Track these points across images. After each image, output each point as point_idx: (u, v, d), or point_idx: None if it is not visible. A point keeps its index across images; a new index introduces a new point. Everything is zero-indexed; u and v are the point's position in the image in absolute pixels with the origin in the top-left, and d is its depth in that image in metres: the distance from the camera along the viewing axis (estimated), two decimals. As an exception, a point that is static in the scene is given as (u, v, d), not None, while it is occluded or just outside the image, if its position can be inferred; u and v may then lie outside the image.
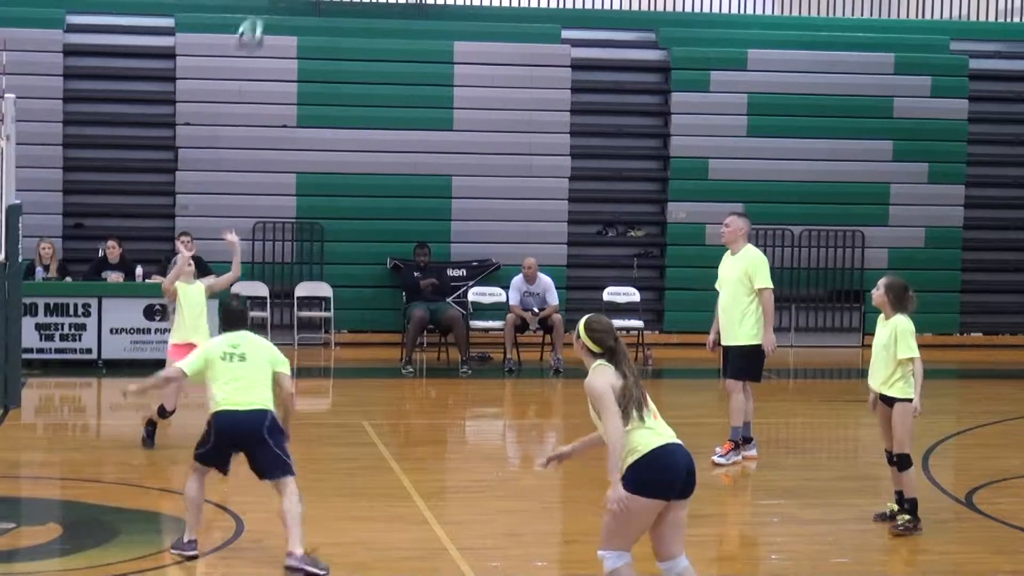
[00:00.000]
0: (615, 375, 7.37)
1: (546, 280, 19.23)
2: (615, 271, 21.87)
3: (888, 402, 9.90)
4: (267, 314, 20.58)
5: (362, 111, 21.34)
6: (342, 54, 21.51)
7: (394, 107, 21.43)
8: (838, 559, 9.34)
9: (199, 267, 18.86)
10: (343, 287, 20.98)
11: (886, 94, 22.45)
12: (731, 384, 12.48)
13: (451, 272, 20.80)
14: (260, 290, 20.77)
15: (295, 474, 8.75)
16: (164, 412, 12.73)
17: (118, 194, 21.26)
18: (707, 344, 12.77)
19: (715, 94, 22.13)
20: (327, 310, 20.75)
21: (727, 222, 12.61)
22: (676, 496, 7.32)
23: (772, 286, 12.42)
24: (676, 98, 22.18)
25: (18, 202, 15.25)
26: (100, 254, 19.11)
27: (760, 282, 12.31)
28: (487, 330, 19.95)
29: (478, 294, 20.59)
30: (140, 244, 20.38)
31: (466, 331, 18.90)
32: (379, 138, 21.38)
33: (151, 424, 12.85)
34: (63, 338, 17.92)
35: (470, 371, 18.36)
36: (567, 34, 22.30)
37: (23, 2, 21.11)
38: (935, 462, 12.72)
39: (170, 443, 12.83)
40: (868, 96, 22.41)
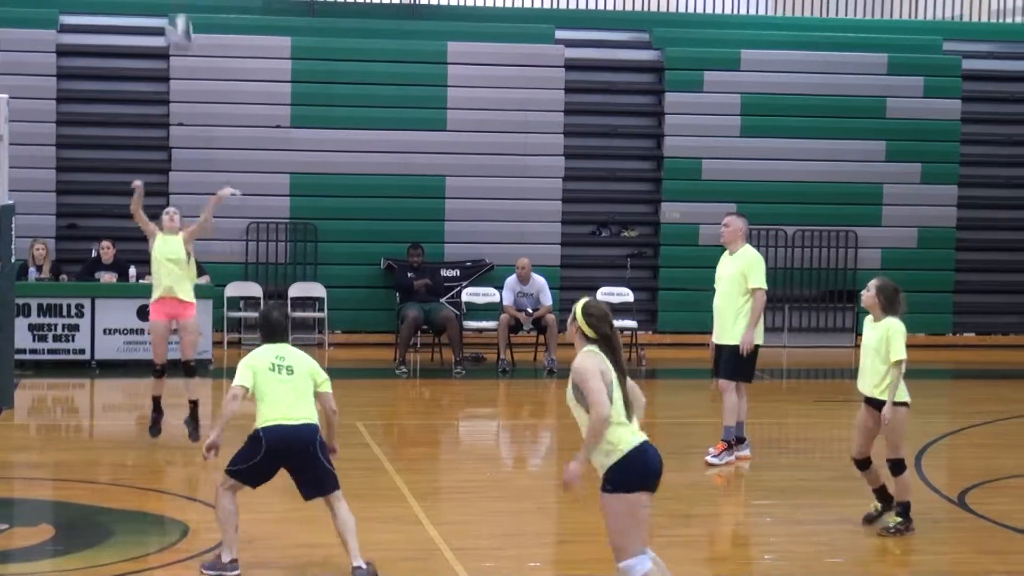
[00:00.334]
0: (604, 362, 7.24)
1: (540, 280, 19.24)
2: (609, 271, 21.88)
3: (876, 406, 9.85)
4: (261, 314, 20.56)
5: (356, 111, 21.34)
6: (336, 54, 21.51)
7: (388, 107, 21.42)
8: (831, 559, 9.36)
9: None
10: (337, 287, 20.97)
11: (879, 94, 22.47)
12: (723, 384, 12.49)
13: (445, 272, 20.80)
14: (254, 290, 20.77)
15: (341, 488, 8.72)
16: (162, 373, 12.88)
17: (111, 195, 21.16)
18: (710, 345, 12.77)
19: (708, 94, 22.14)
20: (321, 310, 20.75)
21: (726, 222, 12.61)
22: (651, 490, 7.26)
23: (766, 287, 12.44)
24: (669, 98, 22.20)
25: (11, 202, 15.15)
26: (93, 255, 19.10)
27: (754, 282, 12.32)
28: (481, 330, 19.96)
29: (472, 294, 20.59)
30: (133, 245, 20.27)
31: (460, 331, 18.91)
32: (373, 138, 21.37)
33: (159, 413, 12.90)
34: (56, 339, 17.91)
35: (464, 371, 18.37)
36: (561, 34, 22.31)
37: (16, 2, 21.08)
38: (928, 462, 12.74)
39: (163, 443, 12.83)
40: (861, 96, 22.42)
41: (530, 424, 16.01)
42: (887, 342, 9.73)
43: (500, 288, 19.64)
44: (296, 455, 8.58)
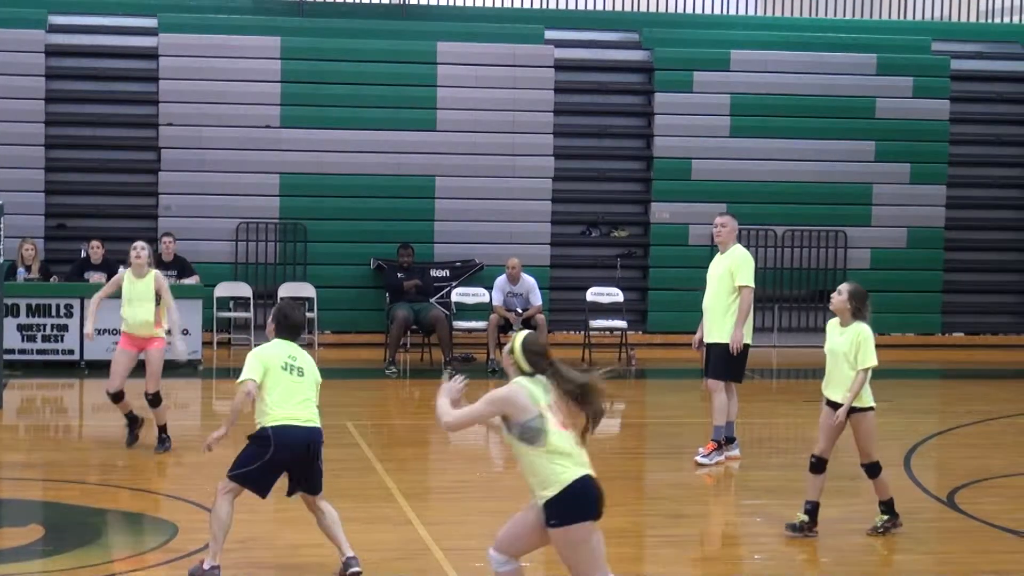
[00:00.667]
0: (532, 397, 7.07)
1: (529, 280, 19.24)
2: (598, 271, 21.88)
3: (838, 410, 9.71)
4: (250, 315, 20.57)
5: (345, 111, 21.33)
6: (325, 54, 21.49)
7: (377, 107, 21.42)
8: (821, 559, 9.37)
9: (181, 268, 18.97)
10: (326, 288, 20.96)
11: (868, 95, 22.50)
12: (713, 383, 12.50)
13: (434, 272, 20.79)
14: (243, 291, 20.76)
15: None
16: (119, 398, 12.69)
17: (101, 195, 21.20)
18: (693, 344, 12.78)
19: (698, 94, 22.16)
20: (310, 311, 20.72)
21: (723, 222, 12.58)
22: (596, 519, 7.10)
23: (753, 285, 12.44)
24: (659, 99, 22.21)
25: (0, 203, 15.23)
26: (83, 255, 19.07)
27: (741, 279, 12.32)
28: (470, 330, 19.95)
29: (461, 294, 20.58)
30: (123, 245, 20.10)
31: (449, 332, 18.91)
32: (362, 138, 21.36)
33: (133, 421, 12.84)
34: (45, 339, 17.88)
35: (453, 372, 18.35)
36: (550, 34, 22.32)
37: (5, 2, 21.05)
38: (917, 462, 12.76)
39: (151, 444, 12.81)
40: (850, 97, 22.45)
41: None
42: (858, 348, 9.64)
43: (490, 288, 19.64)
44: (300, 457, 8.54)
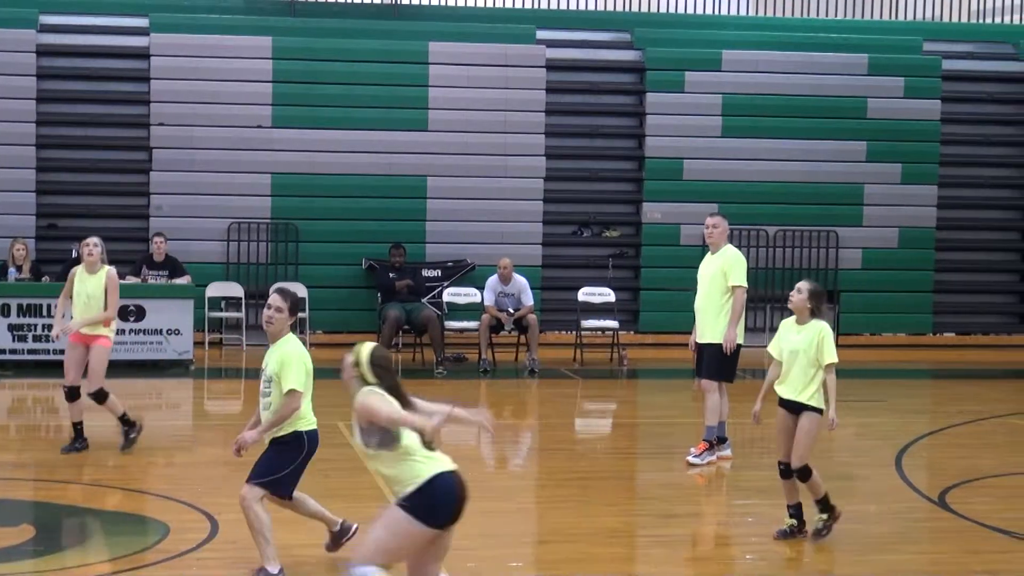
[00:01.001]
0: (388, 400, 7.07)
1: (521, 281, 19.23)
2: (590, 271, 21.89)
3: (795, 410, 9.63)
4: (242, 315, 20.55)
5: (337, 111, 21.32)
6: (317, 54, 21.49)
7: (369, 107, 21.41)
8: (812, 559, 9.37)
9: (172, 268, 18.95)
10: (318, 288, 20.95)
11: (860, 95, 22.53)
12: (706, 384, 12.49)
13: (426, 272, 20.79)
14: (235, 291, 20.74)
15: None
16: (75, 394, 12.53)
17: (92, 195, 21.19)
18: (689, 344, 12.77)
19: (690, 95, 22.17)
20: (302, 311, 20.69)
21: (715, 223, 12.56)
22: (450, 523, 7.11)
23: (746, 285, 12.44)
24: (651, 99, 22.22)
25: (-9, 203, 15.20)
26: (74, 255, 19.01)
27: (734, 279, 12.33)
28: (462, 331, 19.94)
29: (453, 294, 20.58)
30: (114, 245, 20.21)
31: (441, 332, 18.90)
32: (354, 138, 21.35)
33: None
34: (36, 339, 17.85)
35: (445, 372, 18.36)
36: (542, 35, 22.32)
37: (-4, 2, 21.05)
38: (908, 462, 12.77)
39: (144, 445, 12.79)
40: (842, 97, 22.48)
41: (511, 424, 15.99)
42: (819, 346, 9.57)
43: (481, 288, 19.63)
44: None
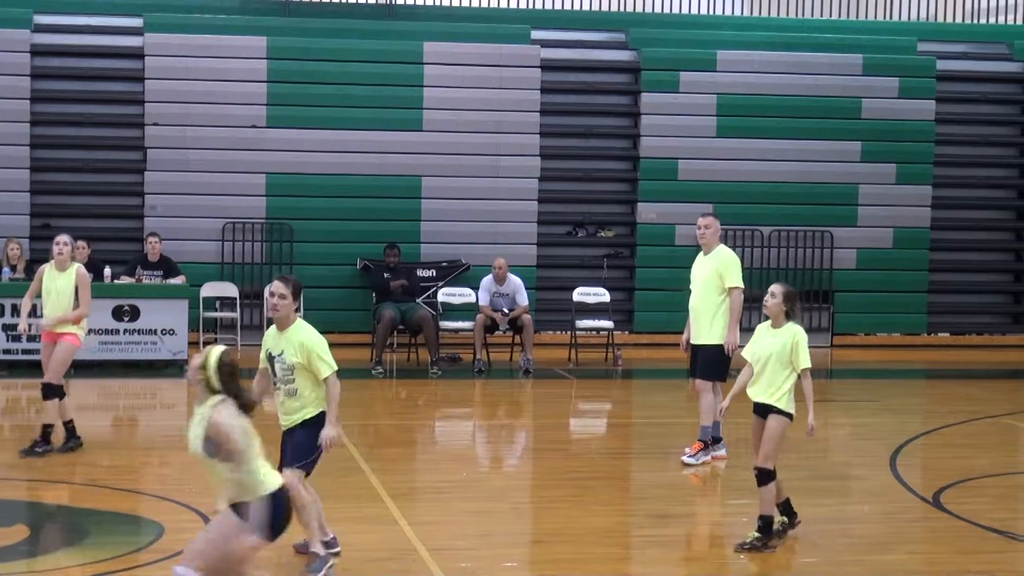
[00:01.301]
0: (237, 414, 6.94)
1: (516, 281, 19.23)
2: (585, 272, 21.89)
3: (764, 413, 9.55)
4: (237, 315, 20.54)
5: (332, 111, 21.31)
6: (312, 54, 21.47)
7: (364, 107, 21.40)
8: (807, 559, 9.38)
9: (167, 268, 18.94)
10: (313, 288, 20.88)
11: (854, 95, 22.54)
12: (700, 384, 12.51)
13: (421, 273, 20.78)
14: (230, 291, 20.72)
15: None
16: (53, 392, 12.44)
17: (86, 195, 21.17)
18: (680, 344, 12.78)
19: (684, 95, 22.18)
20: (297, 311, 20.65)
21: (707, 223, 12.57)
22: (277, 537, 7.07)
23: (743, 286, 12.47)
24: (645, 99, 22.22)
25: (-15, 203, 15.18)
26: (68, 255, 18.98)
27: (731, 281, 12.35)
28: (457, 331, 19.94)
29: (448, 295, 20.57)
30: (109, 245, 20.31)
31: (436, 332, 18.89)
32: (349, 138, 21.34)
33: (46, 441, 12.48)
34: (31, 339, 17.79)
35: (440, 372, 18.35)
36: (537, 35, 22.32)
37: (-10, 2, 21.03)
38: (903, 462, 12.78)
39: (139, 444, 12.79)
40: (836, 97, 22.50)
41: (506, 424, 16.00)
42: (792, 350, 9.51)
43: (476, 288, 19.63)
44: None
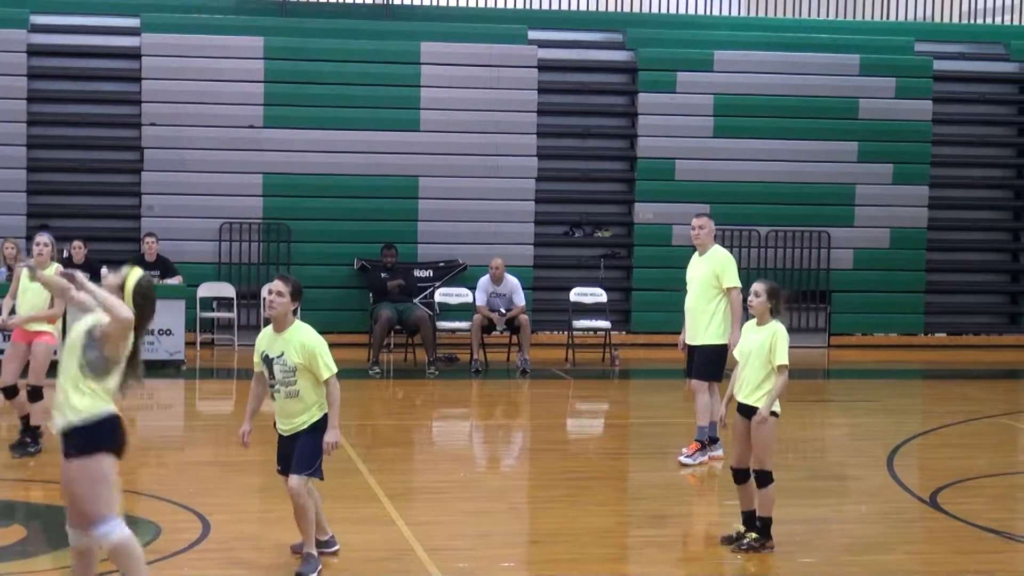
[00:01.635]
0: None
1: (513, 281, 19.22)
2: (582, 272, 21.89)
3: (747, 413, 9.47)
4: (234, 315, 20.53)
5: (329, 112, 21.30)
6: (308, 55, 21.46)
7: (361, 108, 21.40)
8: (804, 559, 9.37)
9: (164, 268, 18.93)
10: (310, 288, 20.64)
11: (851, 95, 22.55)
12: (696, 384, 12.50)
13: (418, 273, 20.77)
14: (227, 291, 20.72)
15: None
16: (11, 392, 12.35)
17: (83, 195, 21.17)
18: (678, 344, 12.78)
19: (682, 95, 22.18)
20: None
21: (701, 223, 12.56)
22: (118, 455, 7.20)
23: (740, 285, 12.45)
24: (643, 99, 22.23)
25: (-18, 203, 15.17)
26: (65, 255, 19.00)
27: (728, 281, 12.35)
28: (454, 331, 19.94)
29: (445, 295, 20.56)
30: (106, 245, 20.28)
31: (433, 332, 18.88)
32: (346, 139, 21.34)
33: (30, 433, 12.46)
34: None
35: (437, 372, 18.35)
36: (534, 35, 22.32)
37: (-13, 2, 21.02)
38: (900, 462, 12.78)
39: (134, 444, 12.75)
40: (833, 97, 22.50)
41: (503, 424, 16.00)
42: (772, 345, 9.38)
43: (473, 288, 19.62)
44: None
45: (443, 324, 19.79)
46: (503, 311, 18.91)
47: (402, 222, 21.28)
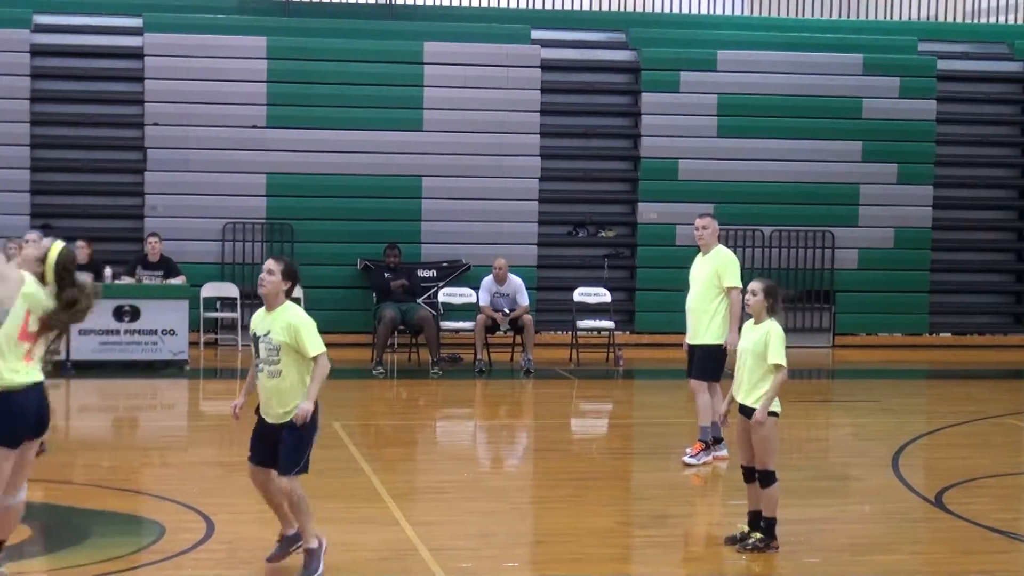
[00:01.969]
0: (17, 279, 6.98)
1: (516, 281, 19.20)
2: (586, 272, 21.86)
3: (748, 414, 9.44)
4: (237, 315, 20.52)
5: (332, 111, 21.29)
6: (311, 54, 21.46)
7: (364, 107, 21.39)
8: (809, 559, 9.35)
9: (168, 268, 18.92)
10: (313, 288, 20.87)
11: (855, 95, 22.52)
12: (695, 384, 12.48)
13: (421, 273, 20.75)
14: (230, 291, 20.72)
15: None
16: None
17: (86, 195, 21.16)
18: (684, 345, 12.74)
19: (685, 95, 22.16)
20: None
21: (705, 224, 12.54)
22: (31, 436, 7.11)
23: (741, 286, 12.40)
24: (646, 99, 22.21)
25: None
26: (68, 255, 18.98)
27: (729, 281, 12.32)
28: (458, 331, 19.92)
29: (448, 295, 20.55)
30: (109, 245, 20.28)
31: (437, 332, 18.86)
32: (349, 138, 21.33)
33: None
34: None
35: (441, 372, 18.33)
36: (537, 34, 22.31)
37: (-10, 2, 21.02)
38: (905, 462, 12.76)
39: (138, 444, 12.78)
40: (837, 97, 22.47)
41: (507, 424, 15.99)
42: (766, 344, 9.35)
43: (477, 288, 19.60)
44: None
45: (447, 324, 19.77)
46: (507, 311, 18.89)
47: (406, 222, 21.27)
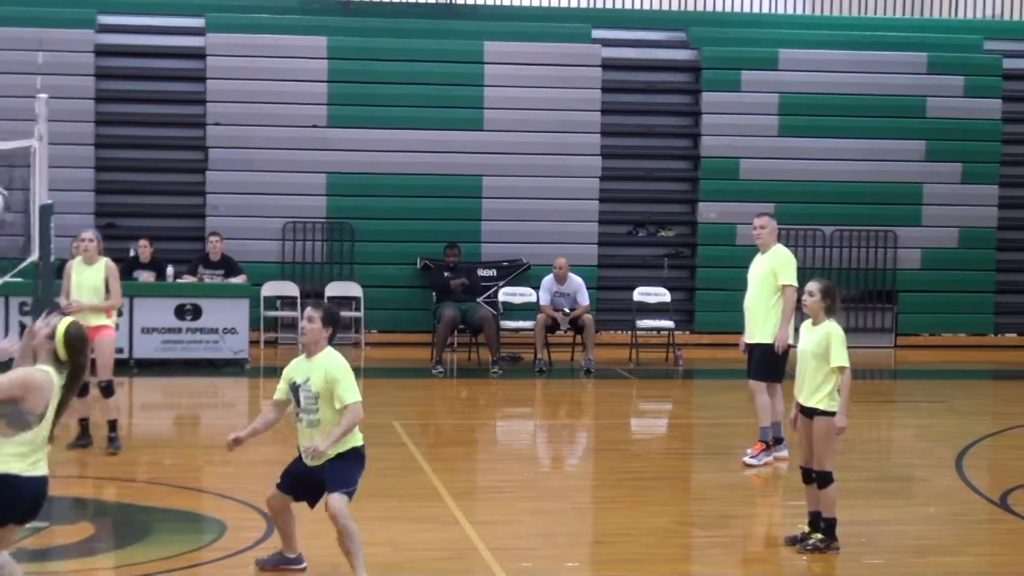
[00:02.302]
0: (48, 384, 6.85)
1: (577, 280, 19.18)
2: (646, 271, 21.82)
3: (809, 415, 9.37)
4: (297, 314, 20.60)
5: (392, 111, 21.35)
6: (372, 54, 21.53)
7: (425, 107, 21.44)
8: (871, 560, 9.28)
9: (228, 267, 19.04)
10: (374, 287, 20.99)
11: (919, 94, 22.34)
12: (754, 384, 12.40)
13: (481, 272, 20.77)
14: (291, 290, 20.81)
15: None
16: (83, 390, 12.14)
17: (149, 194, 21.33)
18: (740, 345, 12.68)
19: (746, 94, 22.06)
20: (357, 310, 20.75)
21: (763, 223, 12.49)
22: (16, 521, 6.97)
23: (796, 284, 12.30)
24: (707, 98, 22.12)
25: (50, 202, 15.21)
26: (132, 254, 19.17)
27: (785, 278, 12.26)
28: (518, 330, 19.91)
29: (509, 294, 20.55)
30: (171, 244, 20.45)
31: (497, 331, 18.86)
32: (409, 138, 21.38)
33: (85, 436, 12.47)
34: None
35: (501, 371, 18.33)
36: (597, 34, 22.27)
37: (55, 3, 21.20)
38: (970, 463, 12.64)
39: (200, 443, 12.85)
40: (901, 96, 22.30)
41: (567, 424, 15.96)
42: (828, 346, 9.27)
43: (537, 288, 19.59)
44: None
45: (507, 323, 19.76)
46: (567, 310, 18.86)
47: (466, 221, 21.29)
